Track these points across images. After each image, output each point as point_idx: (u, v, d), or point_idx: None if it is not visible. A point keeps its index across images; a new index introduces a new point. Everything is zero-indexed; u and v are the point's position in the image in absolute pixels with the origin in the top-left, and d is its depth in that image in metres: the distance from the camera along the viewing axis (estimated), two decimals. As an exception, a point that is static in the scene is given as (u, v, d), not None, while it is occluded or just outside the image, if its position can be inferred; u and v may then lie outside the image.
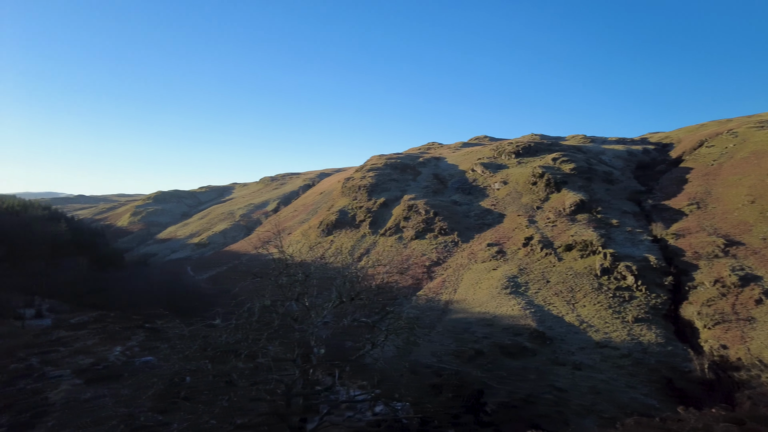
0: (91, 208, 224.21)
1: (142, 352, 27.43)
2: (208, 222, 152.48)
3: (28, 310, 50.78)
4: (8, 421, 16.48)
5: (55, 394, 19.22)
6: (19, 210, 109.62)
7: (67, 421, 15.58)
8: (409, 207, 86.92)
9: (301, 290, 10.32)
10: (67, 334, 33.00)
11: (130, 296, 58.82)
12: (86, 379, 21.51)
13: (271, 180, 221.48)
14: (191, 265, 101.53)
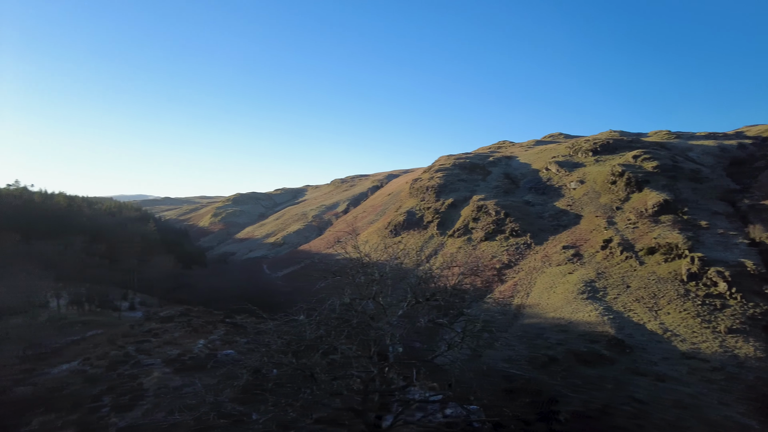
0: (176, 210, 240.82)
1: (223, 345, 28.78)
2: (283, 222, 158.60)
3: (123, 303, 55.49)
4: (111, 401, 18.04)
5: (148, 381, 20.68)
6: (115, 211, 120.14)
7: (159, 405, 16.67)
8: (479, 207, 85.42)
9: (377, 289, 10.50)
10: (157, 326, 35.35)
11: (212, 292, 62.56)
12: (174, 369, 22.92)
13: (341, 182, 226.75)
14: (267, 264, 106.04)
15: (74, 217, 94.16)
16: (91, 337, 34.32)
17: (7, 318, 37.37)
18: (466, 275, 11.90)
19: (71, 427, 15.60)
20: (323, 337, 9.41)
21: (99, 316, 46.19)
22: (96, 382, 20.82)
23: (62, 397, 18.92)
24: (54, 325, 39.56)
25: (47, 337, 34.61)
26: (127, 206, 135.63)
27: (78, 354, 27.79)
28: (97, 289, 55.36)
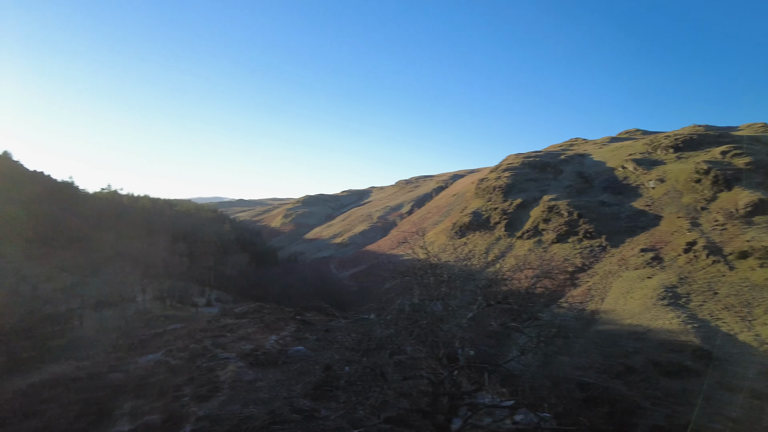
0: (250, 211, 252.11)
1: (293, 341, 29.54)
2: (349, 223, 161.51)
3: (201, 299, 58.84)
4: (191, 392, 19.11)
5: (224, 374, 21.68)
6: (193, 213, 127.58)
7: (235, 397, 17.42)
8: (550, 208, 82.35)
9: (446, 290, 10.37)
10: (231, 321, 37.01)
11: (283, 290, 64.81)
12: (248, 363, 23.87)
13: (405, 183, 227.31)
14: (334, 263, 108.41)
15: (157, 217, 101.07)
16: (172, 330, 36.67)
17: (103, 310, 40.81)
18: (540, 278, 11.45)
19: (157, 413, 16.69)
20: (392, 337, 9.43)
21: (179, 311, 49.26)
22: (177, 372, 22.16)
23: (149, 385, 20.30)
24: (141, 318, 42.67)
25: (135, 329, 37.39)
26: (204, 208, 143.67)
27: (161, 346, 29.74)
28: (177, 286, 59.08)
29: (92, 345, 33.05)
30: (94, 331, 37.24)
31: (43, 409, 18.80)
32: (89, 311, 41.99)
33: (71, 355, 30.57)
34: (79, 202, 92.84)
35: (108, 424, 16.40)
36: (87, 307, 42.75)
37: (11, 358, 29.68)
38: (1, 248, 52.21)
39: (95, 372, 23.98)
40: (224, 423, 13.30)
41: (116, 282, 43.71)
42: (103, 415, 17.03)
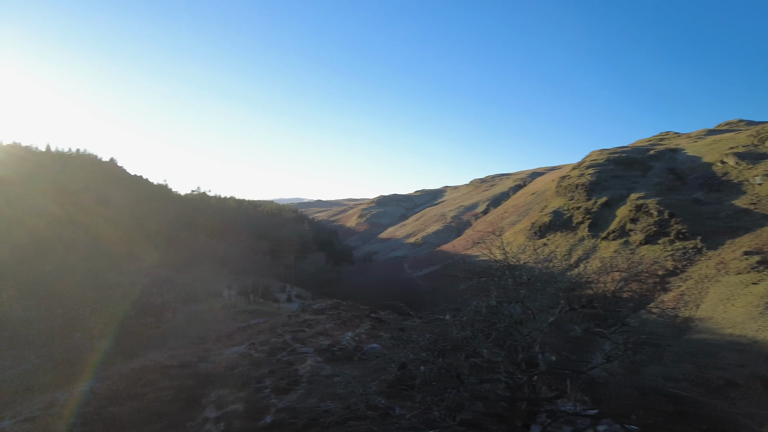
0: (327, 211, 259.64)
1: (368, 339, 29.88)
2: (423, 223, 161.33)
3: (281, 295, 61.41)
4: (271, 384, 19.91)
5: (302, 368, 22.36)
6: (275, 213, 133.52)
7: (312, 391, 17.87)
8: (637, 207, 77.05)
9: (525, 293, 9.97)
10: (310, 317, 38.16)
11: (358, 288, 66.03)
12: (325, 358, 24.46)
13: (480, 182, 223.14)
14: (408, 263, 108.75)
15: (242, 217, 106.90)
16: (255, 324, 38.54)
17: (193, 303, 43.80)
18: (628, 281, 10.70)
19: (240, 403, 17.57)
20: (468, 339, 9.22)
21: (262, 306, 51.72)
22: (259, 365, 23.20)
23: (233, 376, 21.43)
24: (227, 312, 45.26)
25: (222, 322, 39.70)
26: (285, 208, 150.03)
27: (245, 339, 31.32)
28: (260, 282, 62.09)
29: (183, 336, 35.58)
30: (186, 323, 40.04)
31: (143, 392, 20.45)
32: (181, 304, 45.24)
33: (166, 345, 33.10)
34: (172, 203, 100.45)
35: (197, 410, 17.50)
36: (179, 300, 46.09)
37: (118, 344, 32.72)
38: (106, 245, 57.66)
39: (186, 361, 25.71)
40: (302, 416, 13.68)
41: (205, 277, 46.69)
42: (193, 401, 18.21)
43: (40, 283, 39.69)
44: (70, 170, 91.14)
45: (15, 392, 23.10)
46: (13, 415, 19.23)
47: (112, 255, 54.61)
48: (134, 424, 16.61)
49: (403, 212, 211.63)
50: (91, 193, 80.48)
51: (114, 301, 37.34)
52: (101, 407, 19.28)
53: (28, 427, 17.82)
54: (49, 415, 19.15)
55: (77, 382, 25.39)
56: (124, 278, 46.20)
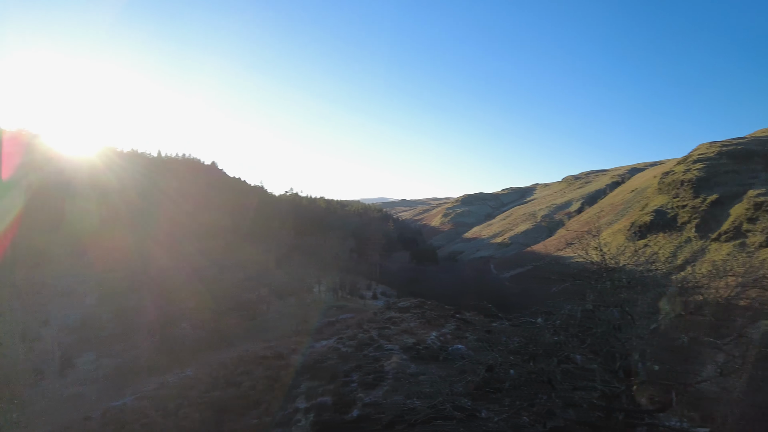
0: (411, 210, 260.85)
1: (453, 339, 29.53)
2: (510, 223, 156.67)
3: (367, 292, 62.66)
4: (358, 379, 20.34)
5: (388, 364, 22.59)
6: (361, 212, 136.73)
7: (398, 388, 18.02)
8: (756, 205, 68.87)
9: (625, 297, 9.29)
10: (395, 315, 38.48)
11: (443, 288, 65.55)
12: (410, 356, 24.50)
13: (574, 179, 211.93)
14: (494, 264, 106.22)
15: (331, 217, 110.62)
16: (343, 319, 39.69)
17: (285, 298, 46.10)
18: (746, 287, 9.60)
19: (328, 395, 18.16)
20: (561, 344, 8.77)
21: (349, 302, 53.13)
22: (347, 359, 23.82)
23: (323, 369, 22.20)
24: (316, 307, 47.05)
25: (312, 317, 41.32)
26: (371, 208, 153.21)
27: (334, 333, 32.31)
28: (347, 279, 63.86)
29: (276, 328, 37.57)
30: (278, 316, 42.24)
31: (240, 380, 21.85)
32: (274, 299, 47.77)
33: (260, 336, 35.16)
34: (267, 203, 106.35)
35: (288, 400, 18.34)
36: (272, 294, 48.69)
37: (218, 334, 35.29)
38: (208, 243, 62.34)
39: (279, 353, 27.08)
40: (388, 412, 13.82)
41: (296, 274, 48.89)
42: (285, 391, 19.12)
43: (152, 277, 43.87)
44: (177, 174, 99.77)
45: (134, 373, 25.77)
46: (133, 393, 21.43)
47: (214, 252, 58.95)
48: (233, 409, 17.79)
49: (489, 211, 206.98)
50: (194, 195, 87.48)
51: (215, 294, 40.30)
52: (204, 391, 20.89)
53: (145, 403, 19.75)
54: (161, 395, 21.09)
55: (183, 367, 27.75)
56: (223, 274, 49.72)
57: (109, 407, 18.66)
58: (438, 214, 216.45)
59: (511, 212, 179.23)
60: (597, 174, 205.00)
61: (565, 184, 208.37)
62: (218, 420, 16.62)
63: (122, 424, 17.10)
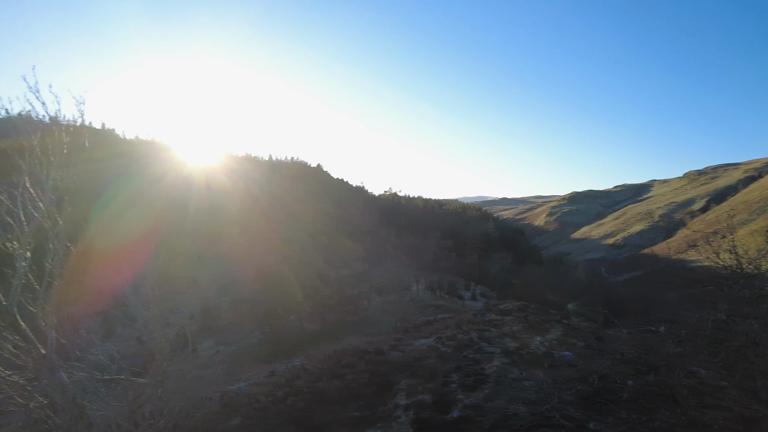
0: (513, 209, 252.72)
1: (559, 346, 28.12)
2: (623, 223, 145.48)
3: (466, 292, 61.72)
4: (458, 380, 20.07)
5: (489, 367, 22.02)
6: (460, 212, 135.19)
7: (499, 391, 17.50)
8: None
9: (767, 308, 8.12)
10: (496, 317, 37.49)
11: (547, 291, 62.62)
12: (512, 360, 23.67)
13: (697, 174, 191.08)
14: (605, 267, 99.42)
15: (429, 216, 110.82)
16: (441, 319, 39.47)
17: (385, 295, 46.97)
18: None
19: (428, 394, 18.13)
20: (687, 356, 7.88)
21: (447, 302, 52.74)
22: (446, 359, 23.64)
23: (422, 367, 22.24)
24: (415, 305, 47.32)
25: (411, 315, 41.62)
26: (469, 207, 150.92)
27: (433, 332, 32.26)
28: (445, 279, 63.45)
29: (377, 324, 38.35)
30: (379, 312, 43.12)
31: (343, 373, 22.60)
32: (374, 295, 48.87)
33: (361, 331, 36.13)
34: (367, 203, 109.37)
35: (389, 395, 18.61)
36: (373, 291, 49.84)
37: (323, 326, 36.90)
38: (314, 240, 65.50)
39: (380, 348, 27.59)
40: (489, 415, 13.46)
41: (395, 272, 49.53)
42: (385, 387, 19.42)
43: (265, 271, 47.04)
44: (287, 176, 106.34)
45: (247, 360, 27.80)
46: (246, 379, 23.09)
47: (319, 249, 61.82)
48: (336, 400, 18.45)
49: (599, 210, 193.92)
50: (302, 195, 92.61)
51: (320, 289, 42.19)
52: (309, 382, 21.92)
53: (256, 389, 21.20)
54: (271, 382, 22.49)
55: (291, 357, 29.39)
56: (328, 270, 51.91)
57: (226, 390, 20.29)
58: (542, 213, 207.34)
59: (624, 211, 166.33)
60: (726, 168, 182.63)
61: (687, 180, 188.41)
62: (322, 410, 17.32)
63: (237, 407, 18.49)
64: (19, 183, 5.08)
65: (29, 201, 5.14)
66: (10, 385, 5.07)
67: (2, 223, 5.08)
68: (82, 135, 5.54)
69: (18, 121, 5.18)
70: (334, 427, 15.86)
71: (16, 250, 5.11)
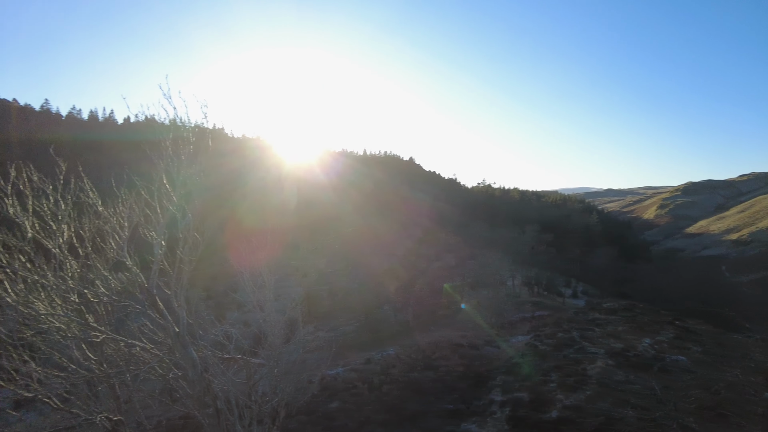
0: (618, 201, 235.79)
1: (671, 349, 26.10)
2: (751, 216, 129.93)
3: (566, 289, 58.95)
4: (557, 379, 19.37)
5: (591, 368, 20.99)
6: (560, 204, 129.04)
7: (603, 393, 16.68)
8: None
9: None
10: (599, 316, 35.58)
11: (658, 290, 57.94)
12: (617, 362, 22.36)
13: None
14: (727, 265, 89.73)
15: (525, 208, 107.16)
16: (539, 316, 38.15)
17: (479, 289, 46.30)
18: None
19: (525, 392, 17.69)
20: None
21: (545, 299, 50.80)
22: (545, 357, 22.87)
23: (515, 365, 21.73)
24: (510, 301, 46.18)
25: (506, 310, 40.72)
26: (570, 199, 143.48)
27: (529, 330, 31.33)
28: (543, 274, 61.06)
29: (469, 319, 37.99)
30: (471, 307, 42.66)
31: (437, 365, 22.78)
32: (467, 289, 48.37)
33: (453, 325, 36.03)
34: (460, 195, 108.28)
35: (483, 391, 18.43)
36: (466, 285, 49.36)
37: (415, 318, 37.32)
38: (407, 232, 66.18)
39: (474, 343, 27.40)
40: (590, 418, 12.89)
41: (489, 266, 48.64)
42: (480, 382, 19.26)
43: (360, 261, 48.53)
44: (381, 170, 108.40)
45: (345, 347, 28.95)
46: (344, 365, 24.10)
47: (412, 242, 62.44)
48: (430, 391, 18.65)
49: (720, 201, 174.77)
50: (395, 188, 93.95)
51: (413, 281, 42.66)
52: (404, 371, 22.35)
53: (353, 375, 22.06)
54: (367, 369, 23.25)
55: (385, 346, 30.11)
56: (421, 262, 52.27)
57: (326, 374, 21.33)
58: (652, 205, 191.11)
59: (752, 203, 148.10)
60: None
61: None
62: (417, 400, 17.61)
63: (335, 391, 19.38)
64: (156, 179, 5.89)
65: (164, 195, 5.94)
66: (152, 358, 5.93)
67: (143, 215, 5.95)
68: (206, 135, 6.25)
69: (155, 124, 5.98)
70: (429, 418, 16.07)
71: (154, 239, 5.96)
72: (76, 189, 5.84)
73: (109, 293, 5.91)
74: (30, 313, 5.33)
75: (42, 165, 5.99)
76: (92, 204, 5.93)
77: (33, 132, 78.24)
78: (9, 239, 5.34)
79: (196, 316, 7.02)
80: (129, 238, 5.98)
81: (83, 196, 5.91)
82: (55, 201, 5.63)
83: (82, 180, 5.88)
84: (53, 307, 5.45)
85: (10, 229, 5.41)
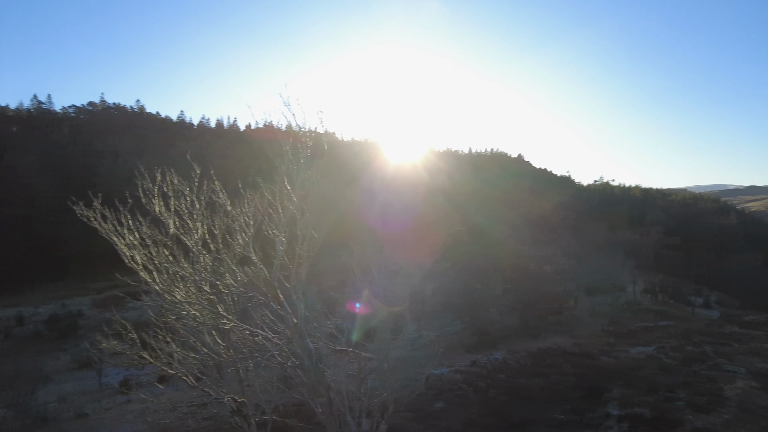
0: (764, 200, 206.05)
1: (834, 374, 22.58)
2: None
3: (696, 298, 52.97)
4: (686, 397, 17.61)
5: (729, 389, 18.88)
6: (689, 203, 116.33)
7: (744, 418, 15.03)
8: None
9: None
10: (738, 330, 31.81)
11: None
12: (762, 384, 19.91)
13: None
14: None
15: (649, 208, 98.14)
16: (663, 327, 34.76)
17: (595, 295, 43.45)
18: None
19: (647, 408, 16.30)
20: None
21: (670, 308, 46.17)
22: (670, 372, 20.88)
23: (638, 378, 20.06)
24: (630, 309, 42.68)
25: (624, 319, 37.72)
26: (702, 197, 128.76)
27: (652, 341, 28.74)
28: (669, 281, 55.51)
29: (584, 326, 35.73)
30: (587, 313, 40.09)
31: (547, 372, 21.81)
32: (582, 295, 45.50)
33: (566, 331, 34.10)
34: (574, 194, 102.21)
35: (598, 403, 17.29)
36: (580, 290, 46.47)
37: (523, 323, 36.02)
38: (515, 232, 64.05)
39: (588, 351, 25.79)
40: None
41: (607, 270, 45.40)
42: (594, 393, 18.09)
43: (464, 262, 47.95)
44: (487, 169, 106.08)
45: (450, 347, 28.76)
46: (449, 365, 24.04)
47: (520, 242, 60.29)
48: (539, 399, 17.91)
49: None
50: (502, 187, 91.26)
51: (521, 284, 41.15)
52: (511, 376, 21.72)
53: (458, 377, 21.92)
54: (472, 372, 22.96)
55: (491, 350, 29.43)
56: (530, 264, 50.27)
57: (431, 374, 21.42)
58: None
59: None
60: None
61: None
62: (524, 407, 17.01)
63: (440, 391, 19.39)
64: (277, 181, 6.39)
65: (285, 196, 6.42)
66: (273, 346, 6.44)
67: (267, 214, 6.49)
68: (321, 140, 6.65)
69: (274, 130, 6.51)
70: (538, 427, 15.48)
71: (277, 236, 6.46)
72: (208, 190, 6.54)
73: (236, 285, 6.53)
74: (172, 300, 6.09)
75: (179, 169, 6.79)
76: (222, 204, 6.59)
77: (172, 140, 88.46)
78: (156, 235, 6.14)
79: (311, 309, 7.48)
80: (254, 235, 6.55)
81: (214, 197, 6.60)
82: (191, 202, 6.37)
83: (213, 182, 6.57)
84: (190, 296, 6.17)
85: (157, 226, 6.23)
